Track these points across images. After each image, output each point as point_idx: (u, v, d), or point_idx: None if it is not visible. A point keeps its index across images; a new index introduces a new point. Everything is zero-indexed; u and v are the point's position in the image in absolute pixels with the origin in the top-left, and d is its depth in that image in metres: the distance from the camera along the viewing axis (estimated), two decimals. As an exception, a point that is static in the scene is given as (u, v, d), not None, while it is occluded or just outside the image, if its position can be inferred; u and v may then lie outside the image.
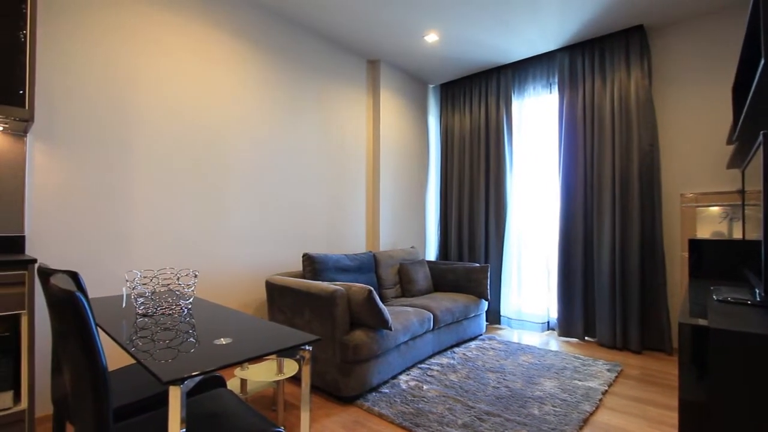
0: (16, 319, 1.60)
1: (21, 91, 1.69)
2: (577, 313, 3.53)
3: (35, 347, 1.75)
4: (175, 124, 2.57)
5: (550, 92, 3.91)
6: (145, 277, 1.99)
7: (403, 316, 2.67)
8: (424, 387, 2.44)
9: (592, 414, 2.14)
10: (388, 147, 4.10)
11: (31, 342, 1.59)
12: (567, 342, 3.50)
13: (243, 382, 2.11)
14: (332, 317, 2.29)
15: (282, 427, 1.11)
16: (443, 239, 4.68)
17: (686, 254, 3.09)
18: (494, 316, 4.11)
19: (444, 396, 2.32)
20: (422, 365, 2.81)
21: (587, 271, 3.54)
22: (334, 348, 2.29)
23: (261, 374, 2.00)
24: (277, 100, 3.19)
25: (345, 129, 3.81)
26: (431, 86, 4.80)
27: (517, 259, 4.06)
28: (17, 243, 1.91)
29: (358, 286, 2.35)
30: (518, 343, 3.39)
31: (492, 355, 3.07)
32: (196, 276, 1.53)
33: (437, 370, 2.71)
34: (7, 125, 1.82)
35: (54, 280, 0.93)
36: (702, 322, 0.90)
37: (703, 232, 2.97)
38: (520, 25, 3.30)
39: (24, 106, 1.70)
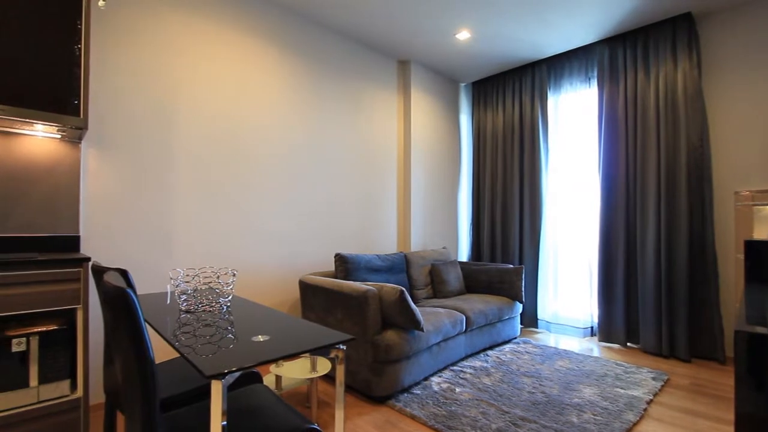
0: (73, 313, 1.72)
1: (76, 101, 1.82)
2: (619, 318, 3.36)
3: (89, 340, 1.88)
4: (213, 129, 2.68)
5: (589, 87, 3.76)
6: (187, 276, 2.09)
7: (434, 317, 2.65)
8: (457, 390, 2.41)
9: (636, 424, 2.04)
10: (419, 147, 4.08)
11: (85, 335, 1.70)
12: (608, 348, 3.35)
13: (278, 378, 2.16)
14: (364, 317, 2.30)
15: (316, 424, 1.13)
16: (475, 240, 4.60)
17: (742, 256, 2.88)
18: (531, 320, 3.99)
19: (477, 399, 2.28)
20: (454, 367, 2.78)
21: (629, 273, 3.37)
22: (366, 348, 2.31)
23: (295, 371, 2.04)
24: (309, 103, 3.26)
25: (376, 130, 3.83)
26: (462, 85, 4.73)
27: (553, 260, 3.93)
28: (73, 242, 2.06)
29: (390, 287, 2.36)
30: (555, 348, 3.28)
31: (527, 359, 2.99)
32: (234, 275, 1.59)
33: (470, 373, 2.67)
34: (64, 133, 1.96)
35: (107, 278, 0.99)
36: (761, 330, 0.83)
37: (761, 233, 2.75)
38: (557, 18, 3.19)
39: (79, 115, 1.82)
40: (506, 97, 4.32)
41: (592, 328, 3.69)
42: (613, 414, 2.10)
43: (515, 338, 3.57)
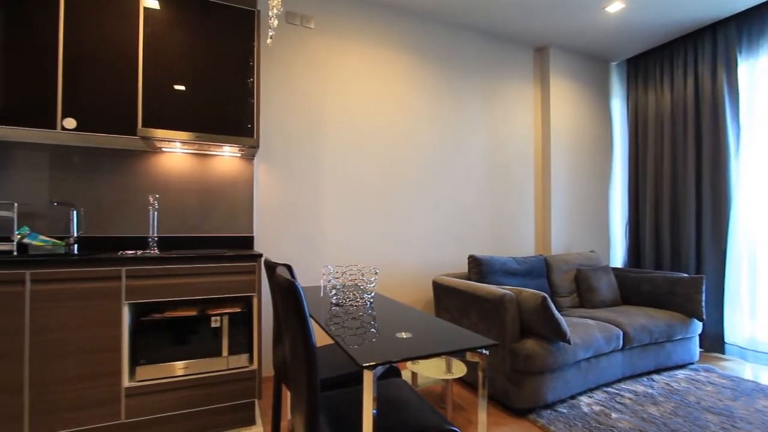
0: (250, 299, 2.08)
1: (250, 126, 2.21)
2: None
3: (262, 322, 2.25)
4: (357, 139, 2.93)
5: (805, 43, 2.84)
6: (336, 272, 2.32)
7: (582, 329, 2.36)
8: (613, 415, 2.09)
9: None
10: (560, 139, 3.71)
11: (259, 318, 2.04)
12: None
13: (414, 375, 2.22)
14: (501, 322, 2.19)
15: (456, 427, 1.11)
16: (633, 243, 3.94)
17: None
18: (714, 343, 3.22)
19: (640, 431, 1.93)
20: (609, 389, 2.42)
21: None
22: (503, 355, 2.20)
23: (431, 370, 2.07)
24: (443, 105, 3.28)
25: (511, 125, 3.63)
26: (614, 64, 4.12)
27: (748, 269, 3.09)
28: (249, 241, 2.50)
29: (530, 292, 2.19)
30: (755, 382, 2.57)
31: (711, 391, 2.41)
32: (376, 273, 1.69)
33: (630, 398, 2.29)
34: (243, 152, 2.40)
35: (279, 271, 1.16)
36: None
37: None
38: (749, -38, 2.51)
39: (253, 137, 2.21)
40: (675, 72, 3.59)
41: (815, 361, 2.78)
42: None
43: (692, 364, 2.93)
